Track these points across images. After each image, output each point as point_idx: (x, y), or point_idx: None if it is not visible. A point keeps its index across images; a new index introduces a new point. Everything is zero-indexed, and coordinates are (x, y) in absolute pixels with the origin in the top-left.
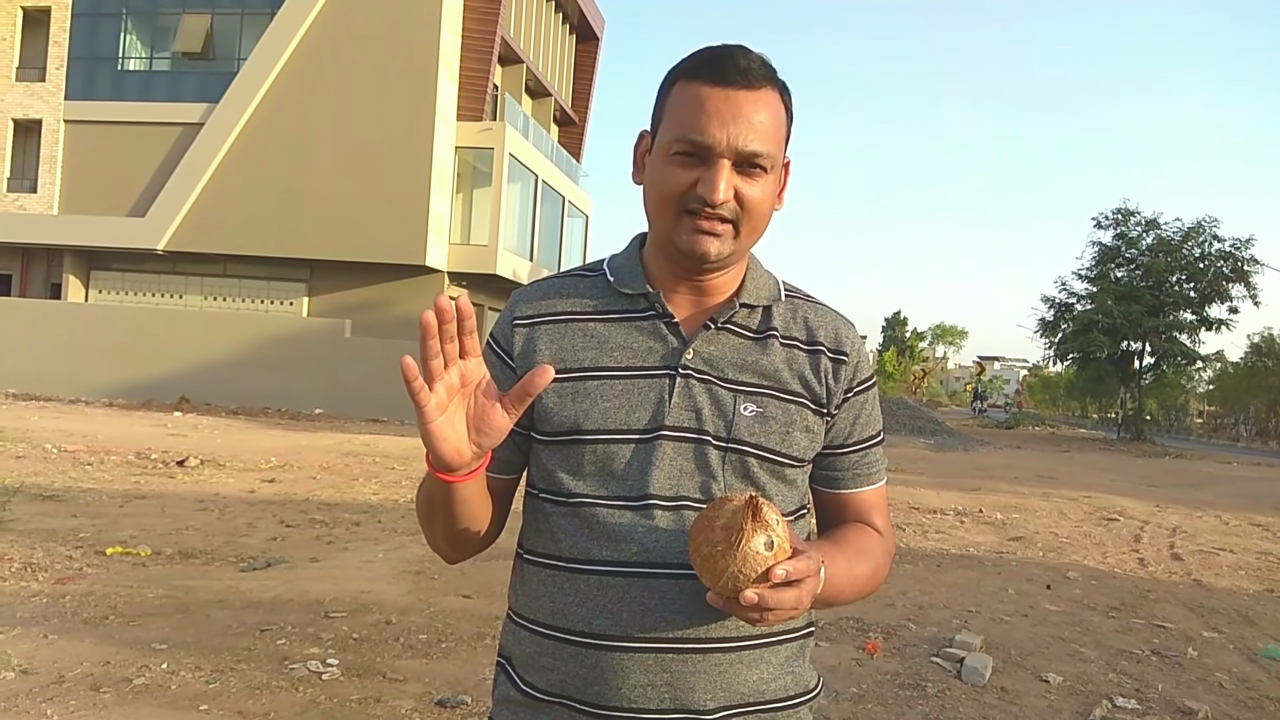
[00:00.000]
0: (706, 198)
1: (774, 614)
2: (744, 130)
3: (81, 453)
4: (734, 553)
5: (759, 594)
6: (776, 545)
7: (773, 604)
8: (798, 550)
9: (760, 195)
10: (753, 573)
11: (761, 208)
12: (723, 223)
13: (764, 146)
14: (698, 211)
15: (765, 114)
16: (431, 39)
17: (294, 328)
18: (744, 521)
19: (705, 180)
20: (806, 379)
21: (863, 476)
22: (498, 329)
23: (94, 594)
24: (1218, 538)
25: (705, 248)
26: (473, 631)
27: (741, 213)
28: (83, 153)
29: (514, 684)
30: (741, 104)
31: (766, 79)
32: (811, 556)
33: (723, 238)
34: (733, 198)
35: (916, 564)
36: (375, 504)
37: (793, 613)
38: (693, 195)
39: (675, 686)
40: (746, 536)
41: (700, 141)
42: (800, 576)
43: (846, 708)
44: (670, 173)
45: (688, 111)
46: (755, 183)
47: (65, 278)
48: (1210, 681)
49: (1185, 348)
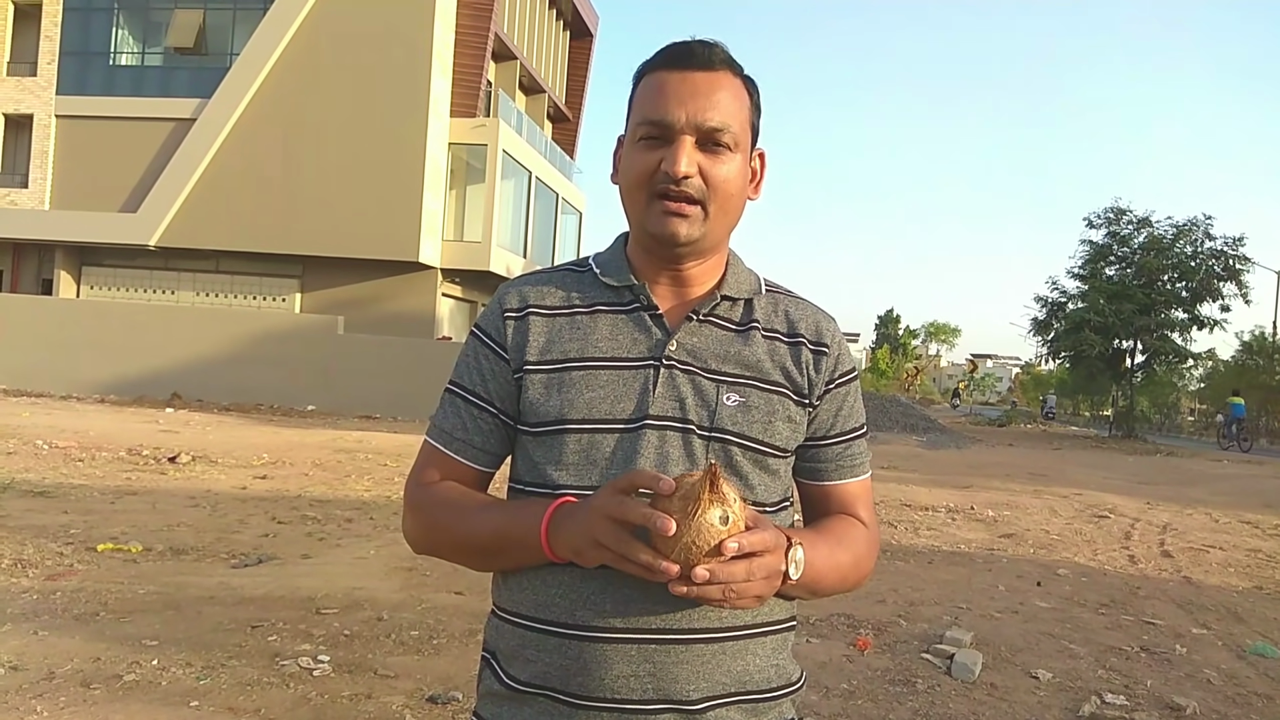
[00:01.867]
0: (669, 171)
1: (735, 593)
2: (702, 106)
3: (73, 449)
4: (688, 523)
5: (709, 569)
6: (732, 520)
7: (723, 577)
8: (756, 526)
9: (726, 174)
10: (705, 545)
11: (728, 187)
12: (690, 203)
13: (723, 121)
14: (666, 193)
15: (724, 93)
16: (425, 34)
17: (286, 324)
18: (701, 492)
19: (667, 156)
20: (788, 370)
21: (846, 469)
22: (487, 320)
23: (85, 590)
24: (1208, 535)
25: (674, 228)
26: (464, 628)
27: (709, 191)
28: (74, 148)
29: (498, 677)
30: (699, 83)
31: (725, 64)
32: (769, 532)
33: (691, 219)
34: (697, 174)
35: (908, 561)
36: (367, 501)
37: (751, 592)
38: (660, 175)
39: (658, 677)
40: (702, 508)
41: (661, 120)
42: (753, 550)
43: (837, 704)
44: (638, 158)
45: (650, 97)
46: (720, 161)
47: (57, 273)
48: (1199, 678)
49: (1177, 346)
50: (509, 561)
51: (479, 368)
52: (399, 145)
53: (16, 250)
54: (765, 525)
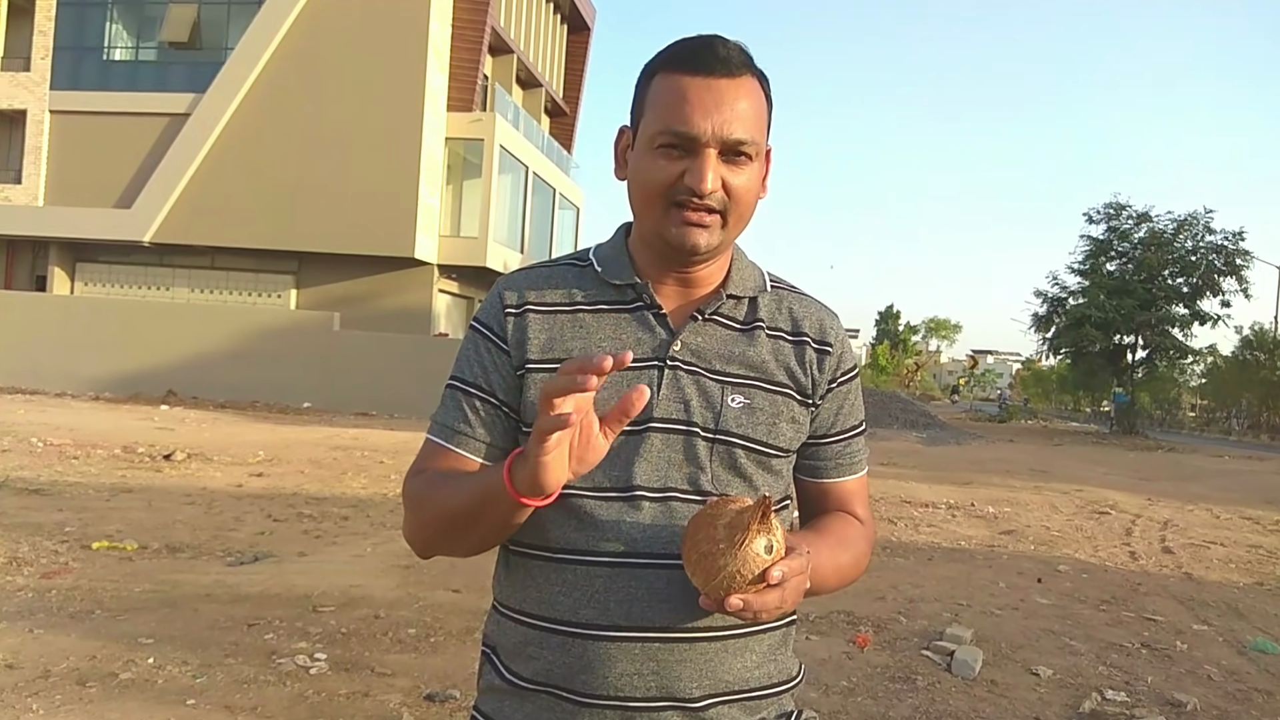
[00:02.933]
0: (695, 188)
1: (761, 615)
2: (728, 119)
3: (68, 446)
4: (735, 553)
5: (744, 600)
6: (776, 549)
7: (758, 607)
8: (790, 549)
9: (746, 184)
10: (750, 574)
11: (748, 197)
12: (710, 213)
13: (748, 134)
14: (685, 203)
15: (747, 101)
16: (421, 28)
17: (282, 320)
18: (751, 522)
19: (692, 171)
20: (792, 370)
21: (845, 466)
22: (487, 314)
23: (80, 588)
24: (1208, 531)
25: (695, 239)
26: (462, 626)
27: (729, 202)
28: (68, 143)
29: (499, 673)
30: (724, 92)
31: (745, 66)
32: (803, 556)
33: (711, 229)
34: (720, 188)
35: (908, 557)
36: (364, 498)
37: (777, 613)
38: (680, 187)
39: (661, 675)
40: (750, 538)
41: (685, 133)
42: (791, 577)
43: (837, 700)
44: (656, 165)
45: (670, 103)
46: (741, 171)
47: (51, 270)
48: (1199, 674)
49: (1177, 341)
50: (490, 523)
51: (480, 360)
52: (395, 140)
53: (10, 247)
54: (800, 550)
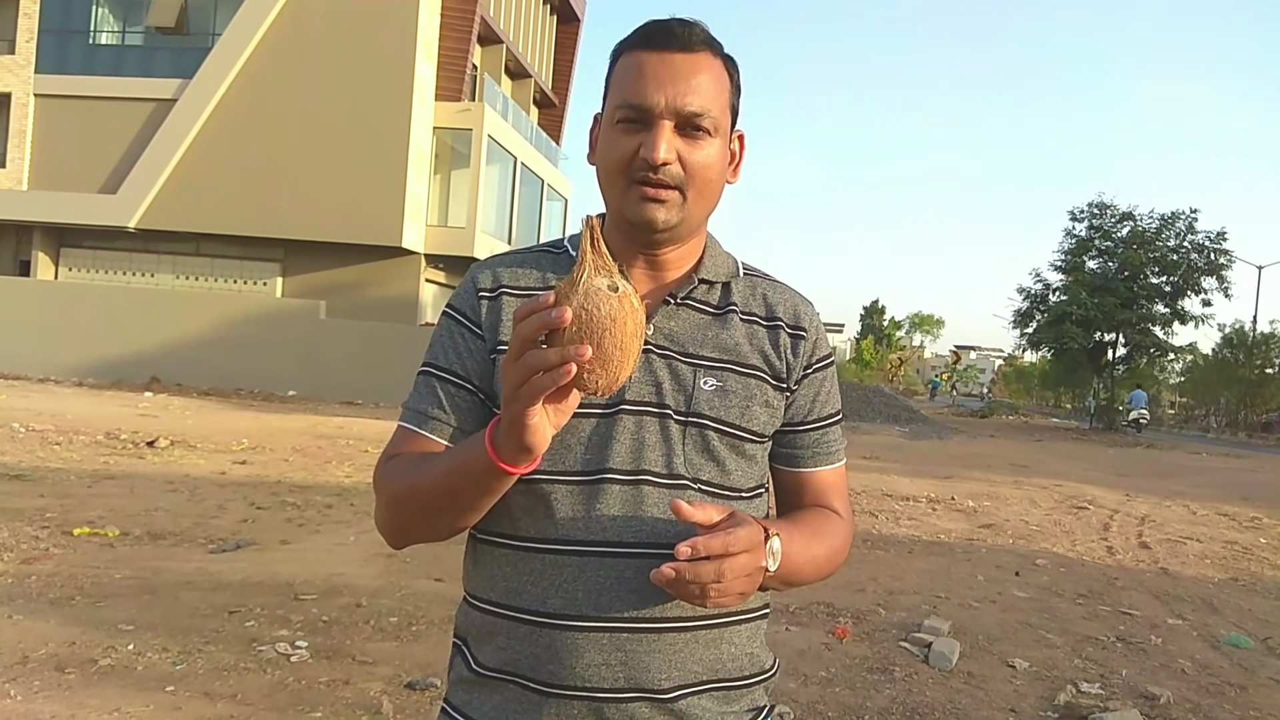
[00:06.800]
0: (647, 158)
1: (716, 591)
2: (682, 90)
3: (50, 432)
4: (575, 291)
5: (675, 568)
6: (621, 290)
7: (691, 577)
8: (738, 522)
9: (705, 160)
10: (598, 309)
11: (707, 173)
12: (668, 189)
13: (703, 105)
14: (645, 180)
15: (704, 75)
16: (410, 17)
17: (268, 308)
18: (584, 253)
19: (646, 142)
20: (766, 354)
21: (822, 455)
22: (461, 300)
23: (60, 574)
24: (1185, 527)
25: (653, 214)
26: (444, 615)
27: (686, 177)
28: (53, 127)
29: (467, 664)
30: (678, 65)
31: (705, 44)
32: (748, 528)
33: (669, 204)
34: (676, 160)
35: (888, 550)
36: (348, 487)
37: (732, 588)
38: (638, 163)
39: (630, 666)
40: (587, 272)
41: (639, 104)
42: (734, 549)
43: (815, 691)
44: (615, 141)
45: (629, 80)
46: (699, 146)
47: (34, 255)
48: (1173, 668)
49: (1158, 339)
50: (468, 499)
51: (454, 346)
52: (383, 129)
53: None
54: (745, 521)
